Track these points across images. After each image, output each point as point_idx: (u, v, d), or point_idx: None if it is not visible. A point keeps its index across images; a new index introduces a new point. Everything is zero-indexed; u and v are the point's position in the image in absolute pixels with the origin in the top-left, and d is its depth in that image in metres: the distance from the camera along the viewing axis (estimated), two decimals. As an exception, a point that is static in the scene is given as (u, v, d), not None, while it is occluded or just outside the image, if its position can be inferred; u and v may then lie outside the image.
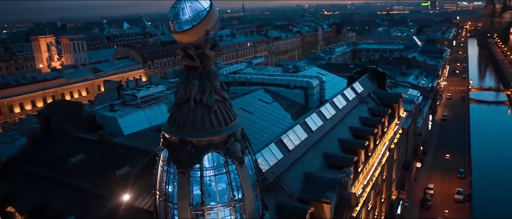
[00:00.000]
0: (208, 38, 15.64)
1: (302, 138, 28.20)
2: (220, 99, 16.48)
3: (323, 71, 53.49)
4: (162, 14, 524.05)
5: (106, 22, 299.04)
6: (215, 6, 15.71)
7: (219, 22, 16.12)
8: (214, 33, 16.29)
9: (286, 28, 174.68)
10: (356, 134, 33.77)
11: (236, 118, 17.06)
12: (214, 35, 16.35)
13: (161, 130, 16.74)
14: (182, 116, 16.10)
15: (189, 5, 15.26)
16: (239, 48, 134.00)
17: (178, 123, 16.13)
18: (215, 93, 16.34)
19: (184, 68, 16.50)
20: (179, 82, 16.53)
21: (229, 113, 16.65)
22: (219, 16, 16.09)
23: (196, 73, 16.26)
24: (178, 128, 16.12)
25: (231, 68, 46.96)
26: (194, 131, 15.86)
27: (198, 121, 15.89)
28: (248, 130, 31.43)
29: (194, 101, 16.01)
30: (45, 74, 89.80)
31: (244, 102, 36.40)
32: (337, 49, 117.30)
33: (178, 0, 15.54)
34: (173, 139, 16.11)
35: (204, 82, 16.24)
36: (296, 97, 38.82)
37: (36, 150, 28.88)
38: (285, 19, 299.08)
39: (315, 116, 31.62)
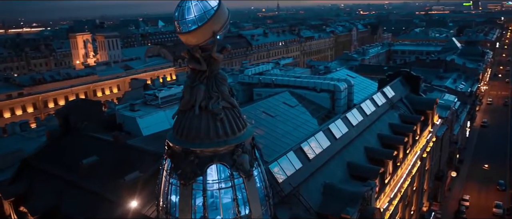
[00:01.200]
0: (216, 40, 14.40)
1: (325, 146, 26.51)
2: (228, 107, 15.23)
3: (353, 73, 51.20)
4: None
5: (142, 20, 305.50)
6: (224, 6, 14.45)
7: (228, 23, 14.86)
8: (223, 34, 15.03)
9: (319, 28, 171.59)
10: (384, 143, 31.67)
11: (245, 127, 15.76)
12: (222, 37, 15.09)
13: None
14: (186, 123, 14.98)
15: (195, 4, 14.09)
16: (271, 48, 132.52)
17: (181, 131, 15.03)
18: (223, 100, 15.11)
19: (190, 72, 15.38)
20: (185, 87, 15.43)
21: (238, 121, 15.37)
22: (229, 16, 14.82)
23: (203, 77, 15.09)
24: (181, 136, 15.02)
25: (256, 69, 45.59)
26: (198, 140, 14.69)
27: (203, 130, 14.70)
28: (269, 135, 30.21)
29: (200, 108, 14.85)
30: (78, 71, 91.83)
31: (267, 105, 35.05)
32: (371, 50, 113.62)
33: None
34: (177, 148, 15.02)
35: (211, 87, 15.04)
36: (322, 101, 37.03)
37: (53, 149, 28.70)
38: (319, 18, 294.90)
39: (340, 122, 29.80)
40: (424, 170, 41.45)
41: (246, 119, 16.29)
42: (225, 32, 15.05)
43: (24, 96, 75.98)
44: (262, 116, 33.23)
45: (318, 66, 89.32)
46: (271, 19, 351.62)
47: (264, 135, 29.71)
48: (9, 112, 73.88)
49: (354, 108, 33.25)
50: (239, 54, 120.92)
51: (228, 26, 14.99)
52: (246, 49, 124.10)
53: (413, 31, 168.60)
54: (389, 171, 29.24)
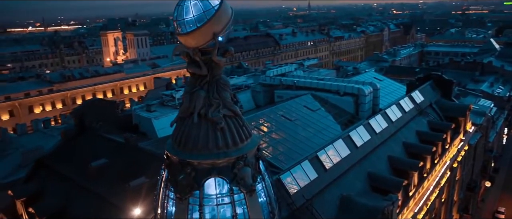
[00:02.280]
0: (217, 42, 13.20)
1: (344, 155, 24.88)
2: (229, 115, 14.01)
3: (381, 76, 48.90)
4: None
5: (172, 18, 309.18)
6: (226, 5, 13.23)
7: (231, 24, 13.61)
8: (226, 36, 13.81)
9: (350, 28, 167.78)
10: (410, 152, 29.63)
11: (249, 137, 14.46)
12: (226, 39, 13.88)
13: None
14: (184, 132, 13.87)
15: (194, 3, 12.93)
16: (299, 48, 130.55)
17: (179, 140, 13.93)
18: (224, 108, 13.90)
19: (190, 76, 14.25)
20: (184, 93, 14.33)
21: (240, 131, 14.11)
22: (232, 16, 13.58)
23: (203, 83, 13.93)
24: (179, 146, 13.92)
25: (279, 70, 44.23)
26: (196, 151, 13.55)
27: (201, 140, 13.55)
28: (286, 141, 28.77)
29: (199, 116, 13.70)
30: (106, 68, 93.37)
31: (286, 109, 33.65)
32: (403, 51, 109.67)
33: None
34: (174, 158, 13.94)
35: (212, 93, 13.86)
36: (345, 105, 35.21)
37: (67, 149, 28.43)
38: (350, 18, 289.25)
39: (362, 129, 28.05)
40: (454, 181, 38.89)
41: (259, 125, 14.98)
42: (228, 34, 13.83)
43: (53, 92, 77.76)
44: (281, 119, 31.92)
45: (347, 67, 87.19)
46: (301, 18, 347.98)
47: (281, 140, 28.39)
48: (39, 107, 75.73)
49: (378, 114, 31.34)
50: (267, 53, 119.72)
51: (231, 27, 13.74)
52: (274, 49, 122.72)
53: (448, 32, 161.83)
54: (414, 183, 27.23)
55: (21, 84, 76.96)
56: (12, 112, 72.82)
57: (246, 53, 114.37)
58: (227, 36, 13.98)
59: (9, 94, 73.35)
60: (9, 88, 74.94)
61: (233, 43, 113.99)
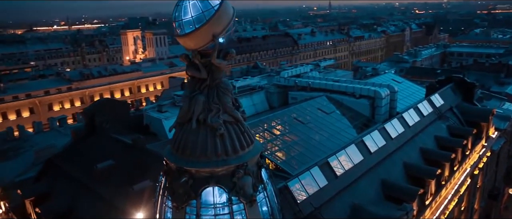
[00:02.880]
0: (217, 44, 12.52)
1: (356, 161, 23.90)
2: (230, 121, 13.33)
3: (400, 78, 47.37)
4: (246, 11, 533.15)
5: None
6: (227, 5, 12.54)
7: (232, 25, 12.92)
8: (227, 37, 13.13)
9: (370, 28, 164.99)
10: (427, 158, 28.37)
11: (251, 144, 13.74)
12: (227, 40, 13.20)
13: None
14: (182, 138, 13.26)
15: (193, 3, 12.28)
16: (318, 47, 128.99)
17: (177, 146, 13.33)
18: (225, 113, 13.22)
19: (189, 80, 13.64)
20: (183, 97, 13.73)
21: (241, 138, 13.40)
22: (233, 16, 12.88)
23: (203, 87, 13.29)
24: (177, 152, 13.32)
25: (294, 71, 43.33)
26: (194, 158, 12.92)
27: (199, 147, 12.91)
28: (298, 145, 27.91)
29: (197, 121, 13.07)
30: (125, 67, 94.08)
31: (299, 111, 32.84)
32: (424, 51, 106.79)
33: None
34: (172, 165, 13.35)
35: (212, 98, 13.20)
36: (361, 108, 34.16)
37: (76, 149, 28.34)
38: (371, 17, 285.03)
39: (377, 134, 26.96)
40: (475, 188, 37.25)
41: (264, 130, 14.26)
42: (230, 35, 13.13)
43: (72, 90, 78.78)
44: (293, 122, 31.12)
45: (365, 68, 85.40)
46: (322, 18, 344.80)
47: (292, 144, 27.65)
48: (58, 105, 76.87)
49: (394, 118, 30.15)
50: (285, 53, 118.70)
51: (232, 28, 13.05)
52: (292, 49, 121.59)
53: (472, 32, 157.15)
54: (431, 191, 26.00)
55: (41, 82, 78.24)
56: (32, 109, 74.13)
57: (264, 53, 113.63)
58: (228, 38, 13.29)
59: (29, 92, 74.63)
60: (29, 86, 76.28)
61: (251, 43, 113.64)
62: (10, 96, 72.49)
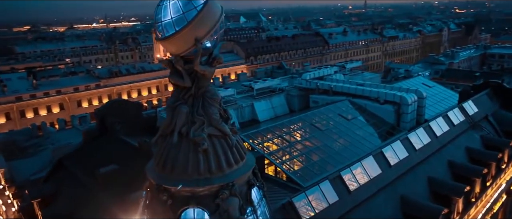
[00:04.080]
0: (200, 49, 11.14)
1: (373, 175, 21.94)
2: (216, 135, 11.93)
3: (431, 82, 44.38)
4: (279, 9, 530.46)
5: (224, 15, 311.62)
6: (213, 5, 11.13)
7: (219, 27, 11.48)
8: (216, 41, 11.74)
9: (405, 27, 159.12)
10: (456, 173, 25.91)
11: (241, 161, 12.30)
12: (214, 44, 11.81)
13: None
14: (163, 152, 12.00)
15: (173, 2, 10.95)
16: (349, 47, 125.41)
17: (158, 161, 12.10)
18: (210, 126, 11.84)
19: (174, 88, 12.35)
20: (166, 107, 12.46)
21: (229, 153, 11.98)
22: (220, 18, 11.45)
23: (187, 96, 11.97)
24: (157, 168, 12.09)
25: (316, 73, 41.39)
26: (174, 176, 11.62)
27: (180, 163, 11.60)
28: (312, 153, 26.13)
29: (180, 134, 11.76)
30: (153, 65, 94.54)
31: (318, 116, 31.07)
32: (462, 53, 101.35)
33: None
34: (152, 181, 12.12)
35: (196, 109, 11.85)
36: (385, 114, 31.94)
37: (86, 151, 27.78)
38: (408, 17, 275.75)
39: (399, 145, 24.82)
40: None
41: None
42: (217, 39, 11.73)
43: (100, 88, 79.83)
44: (311, 128, 29.40)
45: (398, 69, 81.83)
46: (356, 17, 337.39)
47: (307, 153, 25.96)
48: (87, 102, 78.13)
49: (420, 127, 27.80)
50: (314, 53, 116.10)
51: (219, 31, 11.64)
52: (322, 48, 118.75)
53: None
54: (458, 209, 23.62)
55: (71, 79, 79.63)
56: (62, 105, 75.67)
57: (293, 52, 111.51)
58: (217, 41, 11.91)
59: (60, 89, 76.17)
60: (60, 83, 77.80)
61: (280, 42, 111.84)
62: (41, 93, 74.25)
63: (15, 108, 71.11)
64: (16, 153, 40.22)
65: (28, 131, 46.93)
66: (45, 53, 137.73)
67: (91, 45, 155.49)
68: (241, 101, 35.85)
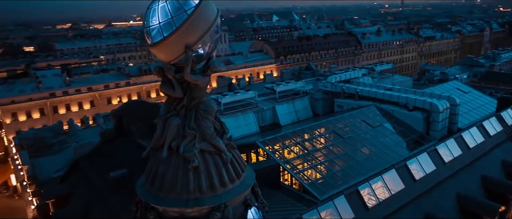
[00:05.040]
0: (190, 57, 10.10)
1: (395, 190, 20.32)
2: (209, 150, 10.88)
3: (467, 87, 41.59)
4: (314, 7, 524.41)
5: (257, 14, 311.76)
6: (206, 7, 10.03)
7: (214, 32, 10.38)
8: (211, 48, 10.67)
9: (443, 27, 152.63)
10: (490, 190, 23.76)
11: (238, 179, 11.19)
12: (210, 51, 10.75)
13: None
14: (153, 167, 11.09)
15: (162, 5, 9.95)
16: (383, 48, 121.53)
17: (147, 177, 11.20)
18: (203, 141, 10.80)
19: (166, 99, 11.40)
20: (158, 118, 11.52)
21: (223, 171, 10.89)
22: (215, 21, 10.32)
23: (179, 107, 10.97)
24: (146, 184, 11.20)
25: (343, 76, 39.70)
26: (161, 194, 10.67)
27: (169, 180, 10.63)
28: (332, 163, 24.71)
29: (170, 149, 10.80)
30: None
31: (341, 122, 29.56)
32: (504, 54, 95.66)
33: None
34: (141, 198, 11.24)
35: (188, 122, 10.84)
36: (414, 122, 29.98)
37: (101, 152, 27.56)
38: (447, 16, 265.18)
39: (426, 157, 23.00)
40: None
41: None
42: (212, 46, 10.65)
43: (130, 85, 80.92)
44: (332, 135, 27.93)
45: (433, 71, 78.09)
46: (392, 16, 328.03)
47: (327, 161, 24.58)
48: (117, 99, 79.36)
49: (450, 138, 25.73)
50: (346, 53, 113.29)
51: (215, 36, 10.54)
52: (355, 48, 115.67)
53: None
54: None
55: (103, 76, 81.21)
56: (93, 102, 77.26)
57: (324, 52, 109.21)
58: (214, 47, 10.84)
59: (91, 86, 77.78)
60: (92, 80, 79.49)
61: (311, 42, 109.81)
62: (73, 89, 76.07)
63: (48, 104, 73.20)
64: (43, 150, 40.93)
65: (57, 127, 47.84)
66: (82, 50, 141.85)
67: (125, 43, 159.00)
68: (263, 104, 34.77)
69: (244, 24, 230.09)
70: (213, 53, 11.32)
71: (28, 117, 71.27)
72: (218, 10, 10.64)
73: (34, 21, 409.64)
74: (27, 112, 71.34)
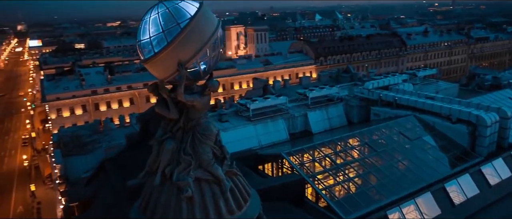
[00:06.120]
0: (183, 76, 9.02)
1: (430, 216, 18.36)
2: (206, 179, 9.78)
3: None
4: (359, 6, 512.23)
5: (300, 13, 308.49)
6: (203, 19, 8.93)
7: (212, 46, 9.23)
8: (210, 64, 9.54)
9: (498, 27, 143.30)
10: (543, 217, 21.04)
11: (239, 210, 10.03)
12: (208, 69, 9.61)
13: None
14: (146, 193, 10.18)
15: (154, 17, 8.93)
16: (429, 49, 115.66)
17: (141, 202, 10.31)
18: (199, 168, 9.72)
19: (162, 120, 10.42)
20: (153, 140, 10.56)
21: (221, 202, 9.80)
22: (214, 34, 9.19)
23: (176, 129, 9.97)
24: (139, 209, 10.31)
25: (381, 82, 37.37)
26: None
27: (160, 209, 9.68)
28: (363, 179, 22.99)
29: (163, 175, 9.81)
30: (220, 63, 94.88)
31: (376, 134, 27.62)
32: None
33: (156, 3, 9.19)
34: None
35: (184, 146, 9.79)
36: (457, 136, 27.45)
37: (125, 157, 27.23)
38: (503, 15, 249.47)
39: (467, 179, 20.79)
40: None
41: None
42: (212, 61, 9.51)
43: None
44: (365, 148, 26.10)
45: (485, 76, 72.93)
46: (442, 15, 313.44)
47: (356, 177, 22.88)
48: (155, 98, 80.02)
49: (498, 157, 23.16)
50: (390, 54, 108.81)
51: (215, 51, 9.40)
52: (399, 50, 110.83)
53: None
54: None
55: (142, 75, 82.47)
56: (132, 100, 78.81)
57: (366, 53, 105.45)
58: (214, 63, 9.70)
59: (131, 84, 79.32)
60: (132, 78, 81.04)
61: (353, 42, 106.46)
62: (114, 87, 77.90)
63: (90, 101, 75.39)
64: (77, 149, 41.69)
65: (94, 126, 48.77)
66: (127, 48, 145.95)
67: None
68: (294, 111, 33.35)
69: (286, 23, 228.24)
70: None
71: (71, 113, 73.74)
72: (219, 21, 9.51)
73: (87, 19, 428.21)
74: (71, 108, 73.81)
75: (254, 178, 22.47)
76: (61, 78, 77.59)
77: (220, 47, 9.61)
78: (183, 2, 8.96)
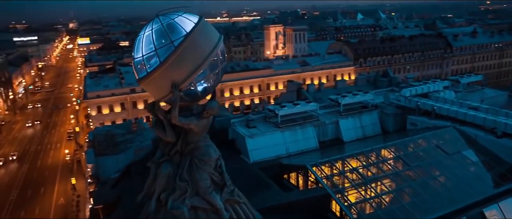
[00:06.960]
0: (177, 98, 8.32)
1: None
2: (203, 207, 9.05)
3: None
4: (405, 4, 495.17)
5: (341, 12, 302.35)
6: (201, 35, 8.18)
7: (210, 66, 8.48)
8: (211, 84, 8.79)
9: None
10: None
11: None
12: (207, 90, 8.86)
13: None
14: (143, 216, 9.61)
15: (148, 33, 8.30)
16: (478, 51, 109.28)
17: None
18: (195, 196, 9.01)
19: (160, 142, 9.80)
20: (151, 162, 9.97)
21: (218, 234, 9.01)
22: (212, 53, 8.43)
23: (173, 152, 9.32)
24: (135, 236, 9.75)
25: (420, 89, 35.20)
26: (145, 253, 9.12)
27: (153, 239, 9.03)
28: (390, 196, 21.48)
29: (158, 201, 9.19)
30: (257, 63, 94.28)
31: (411, 146, 25.91)
32: None
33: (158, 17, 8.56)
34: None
35: (180, 172, 9.11)
36: (503, 152, 25.22)
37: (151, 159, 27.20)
38: None
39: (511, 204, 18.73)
40: None
41: None
42: (210, 83, 8.76)
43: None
44: (397, 161, 24.50)
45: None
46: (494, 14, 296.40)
47: (385, 194, 21.44)
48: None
49: (548, 179, 20.94)
50: (434, 56, 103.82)
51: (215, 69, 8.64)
52: (444, 52, 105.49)
53: None
54: None
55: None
56: (167, 99, 79.84)
57: (409, 55, 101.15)
58: (215, 82, 8.95)
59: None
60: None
61: (394, 43, 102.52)
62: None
63: (128, 99, 77.09)
64: (110, 148, 42.41)
65: (128, 125, 49.57)
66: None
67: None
68: (324, 118, 32.03)
69: (326, 23, 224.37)
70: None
71: (110, 111, 75.76)
72: (221, 36, 8.74)
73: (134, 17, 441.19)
74: (110, 105, 75.86)
75: (275, 191, 21.61)
76: (103, 76, 79.92)
77: (222, 65, 8.84)
78: (180, 17, 8.28)
